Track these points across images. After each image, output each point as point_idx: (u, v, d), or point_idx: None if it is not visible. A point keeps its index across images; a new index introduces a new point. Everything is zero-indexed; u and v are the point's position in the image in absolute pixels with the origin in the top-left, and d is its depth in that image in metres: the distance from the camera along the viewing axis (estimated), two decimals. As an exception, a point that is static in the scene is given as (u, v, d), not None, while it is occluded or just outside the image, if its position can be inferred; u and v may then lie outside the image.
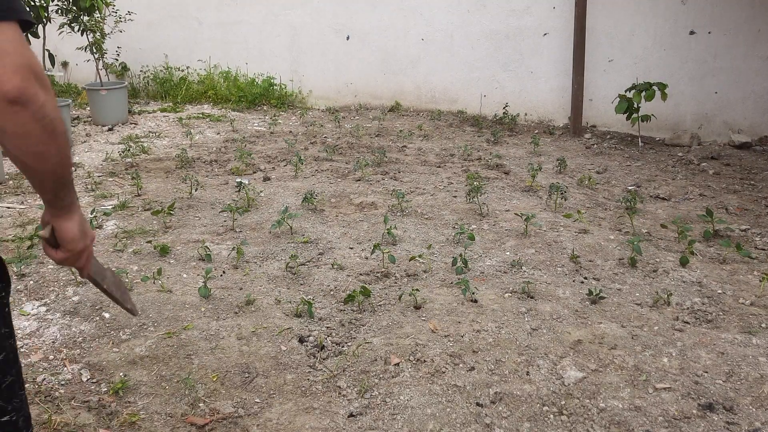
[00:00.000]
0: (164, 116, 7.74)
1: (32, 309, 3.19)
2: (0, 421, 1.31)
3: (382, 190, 4.95)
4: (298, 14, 8.16)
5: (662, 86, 6.01)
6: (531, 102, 7.19)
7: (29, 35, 6.22)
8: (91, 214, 4.22)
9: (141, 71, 8.99)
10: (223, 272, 3.58)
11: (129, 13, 8.16)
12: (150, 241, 3.92)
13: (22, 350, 2.85)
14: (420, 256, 3.66)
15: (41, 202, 4.69)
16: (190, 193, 4.88)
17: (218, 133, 6.89)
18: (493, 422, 2.34)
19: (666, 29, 6.41)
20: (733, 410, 2.39)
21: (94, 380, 2.62)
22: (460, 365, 2.67)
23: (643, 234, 4.09)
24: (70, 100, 6.92)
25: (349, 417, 2.39)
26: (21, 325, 3.04)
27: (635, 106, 6.11)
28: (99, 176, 5.38)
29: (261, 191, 4.92)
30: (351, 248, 3.90)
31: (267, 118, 7.60)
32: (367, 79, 8.01)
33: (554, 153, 6.02)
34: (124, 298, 1.93)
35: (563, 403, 2.45)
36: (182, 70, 8.87)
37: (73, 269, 3.50)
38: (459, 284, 3.28)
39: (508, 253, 3.81)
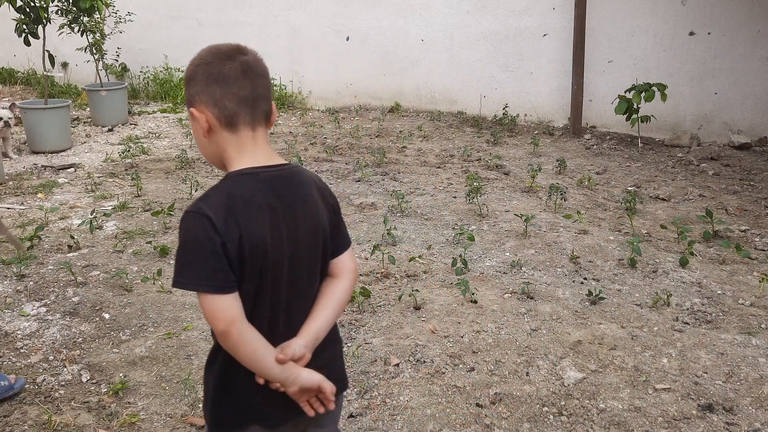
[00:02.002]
0: (164, 117, 7.75)
1: (32, 310, 3.19)
2: None
3: (382, 190, 4.95)
4: (298, 15, 8.16)
5: (662, 87, 6.02)
6: (531, 103, 7.19)
7: (29, 35, 6.22)
8: (91, 214, 4.22)
9: (141, 72, 8.99)
10: (223, 273, 3.57)
11: (129, 13, 8.16)
12: (150, 242, 3.92)
13: (22, 351, 2.85)
14: (420, 257, 3.66)
15: (41, 203, 4.69)
16: (190, 193, 4.88)
17: (218, 134, 6.88)
18: (492, 423, 2.34)
19: (666, 30, 6.42)
20: (732, 411, 2.39)
21: (94, 381, 2.62)
22: (460, 366, 2.68)
23: (642, 235, 4.10)
24: (70, 101, 6.93)
25: (349, 417, 2.39)
26: (21, 326, 3.04)
27: (635, 106, 6.11)
28: (99, 177, 5.38)
29: (261, 192, 4.91)
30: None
31: (267, 118, 7.59)
32: (367, 79, 8.01)
33: (554, 154, 6.02)
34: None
35: (563, 403, 2.45)
36: (182, 71, 8.86)
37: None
38: (459, 285, 3.28)
39: (507, 253, 3.81)
